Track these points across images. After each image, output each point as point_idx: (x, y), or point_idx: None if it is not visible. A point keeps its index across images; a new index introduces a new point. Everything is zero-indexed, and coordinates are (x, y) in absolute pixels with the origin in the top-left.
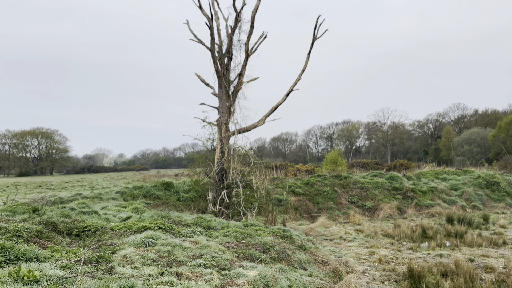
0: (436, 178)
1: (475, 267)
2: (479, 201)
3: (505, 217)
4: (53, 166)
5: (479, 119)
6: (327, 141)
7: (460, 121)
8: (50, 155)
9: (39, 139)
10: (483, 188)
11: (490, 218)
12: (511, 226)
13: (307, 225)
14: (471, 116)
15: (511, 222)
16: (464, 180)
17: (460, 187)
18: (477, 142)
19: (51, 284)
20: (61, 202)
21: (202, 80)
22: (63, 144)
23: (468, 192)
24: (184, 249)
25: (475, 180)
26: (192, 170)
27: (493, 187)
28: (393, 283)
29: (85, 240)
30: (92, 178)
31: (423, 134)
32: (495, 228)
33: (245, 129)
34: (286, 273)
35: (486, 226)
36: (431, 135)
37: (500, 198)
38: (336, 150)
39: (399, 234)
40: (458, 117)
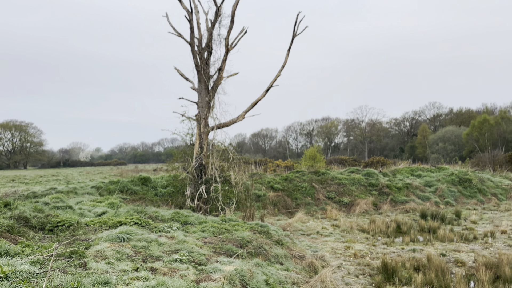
0: (411, 174)
1: (446, 261)
2: (452, 198)
3: (476, 213)
4: (27, 160)
5: (454, 117)
6: (307, 137)
7: (435, 120)
8: (24, 148)
9: (12, 132)
10: (456, 185)
11: (462, 214)
12: (481, 222)
13: (285, 220)
14: (446, 115)
15: (482, 218)
16: (438, 177)
17: (434, 183)
18: (452, 140)
19: (21, 279)
20: (34, 197)
21: (181, 74)
22: (37, 138)
23: (441, 188)
24: (160, 244)
25: (448, 177)
26: (170, 165)
27: (465, 184)
28: (367, 277)
29: (59, 235)
30: (68, 172)
31: (400, 131)
32: (466, 223)
33: (225, 125)
34: (263, 267)
35: (458, 221)
36: (407, 132)
37: (472, 195)
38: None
39: (374, 229)
40: (434, 116)
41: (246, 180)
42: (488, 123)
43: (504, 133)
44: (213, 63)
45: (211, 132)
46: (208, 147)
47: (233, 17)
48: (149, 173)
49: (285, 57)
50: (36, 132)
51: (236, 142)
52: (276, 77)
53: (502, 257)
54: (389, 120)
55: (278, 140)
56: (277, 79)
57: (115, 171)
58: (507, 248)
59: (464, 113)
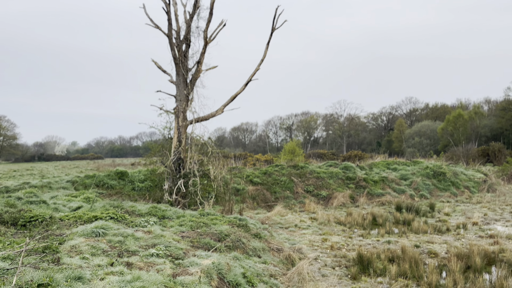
0: (387, 168)
1: (420, 252)
2: (427, 191)
3: (449, 205)
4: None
5: (429, 112)
6: (287, 131)
7: (412, 114)
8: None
9: None
10: (430, 178)
11: (436, 207)
12: (454, 214)
13: (264, 214)
14: (422, 110)
15: (455, 210)
16: (413, 170)
17: (409, 177)
18: (427, 135)
19: None
20: (6, 191)
21: (159, 66)
22: (11, 131)
23: (416, 182)
24: (137, 239)
25: (423, 171)
26: (148, 159)
27: (439, 177)
28: (343, 269)
29: (32, 230)
30: (43, 166)
31: (377, 126)
32: (440, 216)
33: (203, 118)
34: (241, 261)
35: (432, 214)
36: (384, 127)
37: (445, 188)
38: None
39: (351, 222)
40: (410, 110)
41: (225, 174)
42: (462, 118)
43: (477, 127)
44: (191, 56)
45: (190, 126)
46: (187, 141)
47: (212, 10)
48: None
49: (264, 51)
50: (9, 126)
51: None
52: (255, 70)
53: (473, 248)
54: (367, 114)
55: (258, 134)
56: (256, 72)
57: (92, 165)
58: (478, 239)
59: (440, 108)
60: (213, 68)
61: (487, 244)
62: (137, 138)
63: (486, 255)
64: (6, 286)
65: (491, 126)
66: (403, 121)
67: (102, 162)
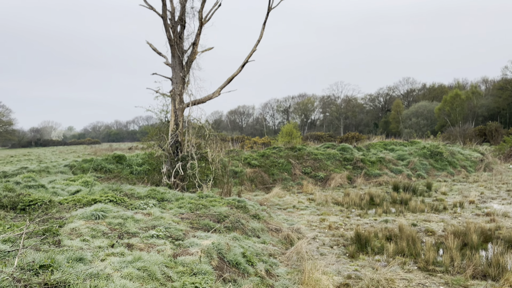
0: (384, 149)
1: (417, 231)
2: (424, 170)
3: (446, 184)
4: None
5: (426, 93)
6: (284, 114)
7: (409, 95)
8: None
9: None
10: (427, 158)
11: (433, 186)
12: (451, 193)
13: (262, 195)
14: (420, 90)
15: (452, 190)
16: (410, 150)
17: (406, 157)
18: (424, 115)
19: None
20: (4, 176)
21: (154, 48)
22: (6, 117)
23: (413, 162)
24: (137, 221)
25: (420, 151)
26: (145, 142)
27: (436, 157)
28: (341, 248)
29: (31, 214)
30: (40, 152)
31: (374, 107)
32: (437, 195)
33: (200, 101)
34: (240, 241)
35: (429, 193)
36: (381, 108)
37: (442, 167)
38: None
39: (348, 202)
40: (408, 91)
41: (223, 157)
42: (459, 98)
43: (474, 107)
44: (187, 37)
45: (187, 109)
46: (184, 124)
47: None
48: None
49: (261, 31)
50: (5, 111)
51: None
52: (251, 52)
53: (469, 226)
54: (364, 96)
55: (255, 117)
56: (252, 54)
57: (89, 150)
58: (474, 217)
59: (437, 88)
60: (209, 49)
61: (483, 222)
62: (134, 122)
63: (483, 233)
64: (8, 268)
65: (488, 106)
66: (400, 102)
67: (99, 146)
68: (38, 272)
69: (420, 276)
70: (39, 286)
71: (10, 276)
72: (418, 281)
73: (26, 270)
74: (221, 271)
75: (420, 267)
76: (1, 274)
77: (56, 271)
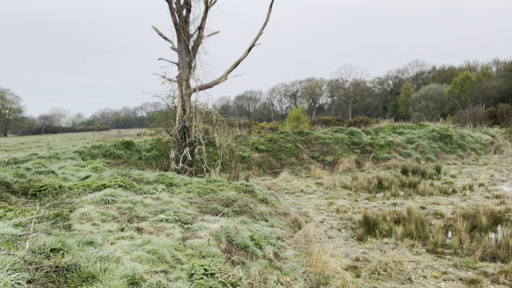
0: (393, 132)
1: (426, 214)
2: (433, 153)
3: (455, 167)
4: (7, 127)
5: (436, 75)
6: (291, 99)
7: (418, 78)
8: (3, 115)
9: None
10: (436, 141)
11: (442, 169)
12: (461, 176)
13: (270, 180)
14: (429, 73)
15: (461, 172)
16: (419, 133)
17: (415, 140)
18: (434, 98)
19: (3, 241)
20: (15, 163)
21: (160, 33)
22: (16, 104)
23: (422, 145)
24: (146, 205)
25: (429, 134)
26: (153, 128)
27: (446, 140)
28: (349, 231)
29: (42, 199)
30: (50, 139)
31: (383, 90)
32: (446, 178)
33: (207, 86)
34: (248, 224)
35: (438, 176)
36: (390, 91)
37: (452, 150)
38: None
39: (357, 186)
40: (417, 74)
41: (230, 142)
42: (470, 80)
43: (485, 89)
44: (192, 22)
45: (194, 94)
46: (191, 109)
47: None
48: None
49: (267, 14)
50: (14, 99)
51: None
52: (258, 35)
53: (479, 208)
54: (372, 79)
55: (263, 102)
56: (259, 37)
57: (98, 136)
58: (484, 199)
59: (447, 70)
60: (215, 33)
61: (493, 204)
62: (142, 108)
63: (492, 215)
64: (19, 251)
65: (499, 88)
66: (410, 85)
67: (108, 133)
68: (49, 255)
69: (428, 258)
70: (50, 268)
71: (22, 259)
72: (427, 263)
73: (38, 253)
74: (230, 254)
75: (428, 249)
76: (13, 257)
77: (67, 254)
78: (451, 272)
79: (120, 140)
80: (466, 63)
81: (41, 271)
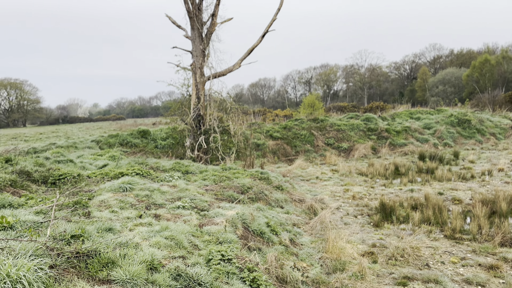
0: (410, 118)
1: (443, 199)
2: (451, 139)
3: (474, 153)
4: (25, 118)
5: (454, 59)
6: (305, 86)
7: (435, 62)
8: (22, 106)
9: (8, 90)
10: (454, 126)
11: (460, 155)
12: (479, 161)
13: (285, 167)
14: (447, 57)
15: (480, 158)
16: (437, 119)
17: (433, 125)
18: (452, 82)
19: (25, 228)
20: (35, 152)
21: (173, 21)
22: (34, 95)
23: (440, 130)
24: (163, 193)
25: (447, 119)
26: (168, 117)
27: (464, 124)
28: (365, 217)
29: (61, 187)
30: (67, 128)
31: (400, 75)
32: (464, 163)
33: (221, 74)
34: (264, 211)
35: (456, 162)
36: (407, 76)
37: (470, 135)
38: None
39: (373, 172)
40: (434, 58)
41: (245, 130)
42: (489, 63)
43: (505, 73)
44: (205, 9)
45: (208, 82)
46: (205, 97)
47: None
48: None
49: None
50: (32, 90)
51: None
52: (272, 21)
53: (498, 194)
54: (389, 64)
55: (277, 89)
56: (273, 23)
57: (114, 126)
58: (503, 185)
59: (465, 54)
60: (228, 20)
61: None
62: (156, 98)
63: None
64: (41, 237)
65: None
66: (427, 69)
67: (124, 122)
68: (69, 242)
69: (446, 244)
70: (71, 254)
71: (44, 245)
72: (445, 249)
73: (59, 240)
74: (246, 240)
75: (446, 235)
76: (35, 243)
77: (87, 241)
78: (469, 257)
79: (136, 129)
80: (485, 46)
81: (62, 256)
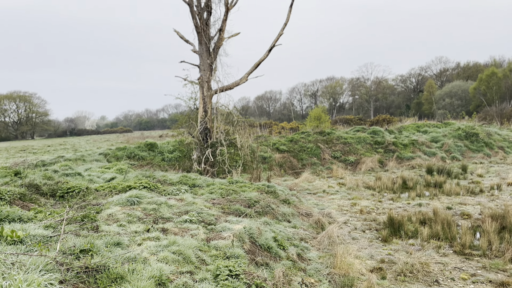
0: (417, 131)
1: (452, 214)
2: (458, 152)
3: (482, 166)
4: (34, 130)
5: (460, 72)
6: (311, 98)
7: (442, 75)
8: (30, 119)
9: (17, 103)
10: (462, 140)
11: (468, 168)
12: (488, 175)
13: (292, 180)
14: (453, 69)
15: (488, 171)
16: (444, 132)
17: (440, 139)
18: (458, 95)
19: (35, 243)
20: (43, 165)
21: (181, 36)
22: (42, 108)
23: (448, 143)
24: (170, 206)
25: (455, 132)
26: (175, 130)
27: (472, 138)
28: (373, 232)
29: (70, 201)
30: (75, 141)
31: (406, 88)
32: (472, 177)
33: (228, 87)
34: (271, 225)
35: (464, 175)
36: (413, 89)
37: (478, 149)
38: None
39: (380, 186)
40: (441, 71)
41: (251, 143)
42: (496, 76)
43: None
44: (213, 24)
45: (215, 96)
46: (212, 110)
47: None
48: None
49: (288, 14)
50: (41, 102)
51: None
52: (278, 35)
53: (508, 208)
54: (395, 77)
55: (283, 102)
56: (279, 37)
57: (122, 138)
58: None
59: (472, 67)
60: (236, 35)
61: None
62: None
63: None
64: (51, 252)
65: None
66: (433, 82)
67: (131, 135)
68: (79, 256)
69: (456, 260)
70: (80, 269)
71: (54, 259)
72: (454, 265)
73: (68, 254)
74: (253, 255)
75: (456, 251)
76: (45, 258)
77: (96, 255)
78: (480, 274)
79: (143, 142)
80: (491, 59)
81: (71, 271)
